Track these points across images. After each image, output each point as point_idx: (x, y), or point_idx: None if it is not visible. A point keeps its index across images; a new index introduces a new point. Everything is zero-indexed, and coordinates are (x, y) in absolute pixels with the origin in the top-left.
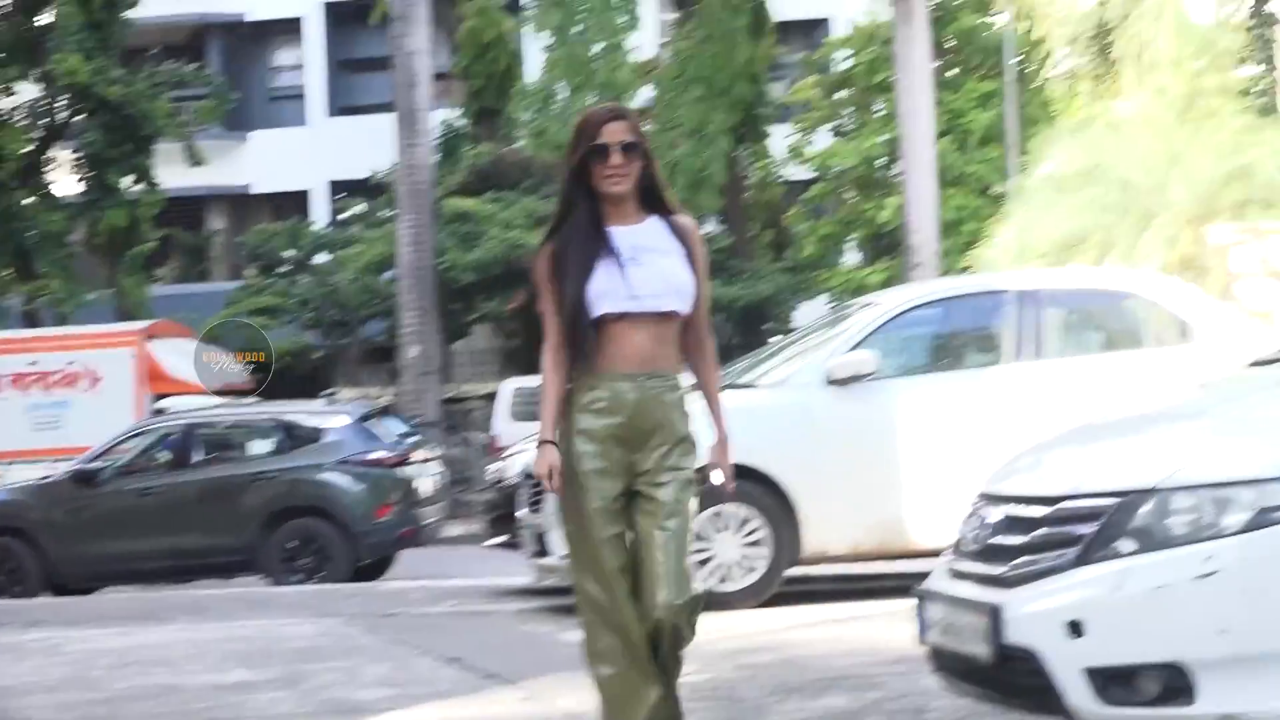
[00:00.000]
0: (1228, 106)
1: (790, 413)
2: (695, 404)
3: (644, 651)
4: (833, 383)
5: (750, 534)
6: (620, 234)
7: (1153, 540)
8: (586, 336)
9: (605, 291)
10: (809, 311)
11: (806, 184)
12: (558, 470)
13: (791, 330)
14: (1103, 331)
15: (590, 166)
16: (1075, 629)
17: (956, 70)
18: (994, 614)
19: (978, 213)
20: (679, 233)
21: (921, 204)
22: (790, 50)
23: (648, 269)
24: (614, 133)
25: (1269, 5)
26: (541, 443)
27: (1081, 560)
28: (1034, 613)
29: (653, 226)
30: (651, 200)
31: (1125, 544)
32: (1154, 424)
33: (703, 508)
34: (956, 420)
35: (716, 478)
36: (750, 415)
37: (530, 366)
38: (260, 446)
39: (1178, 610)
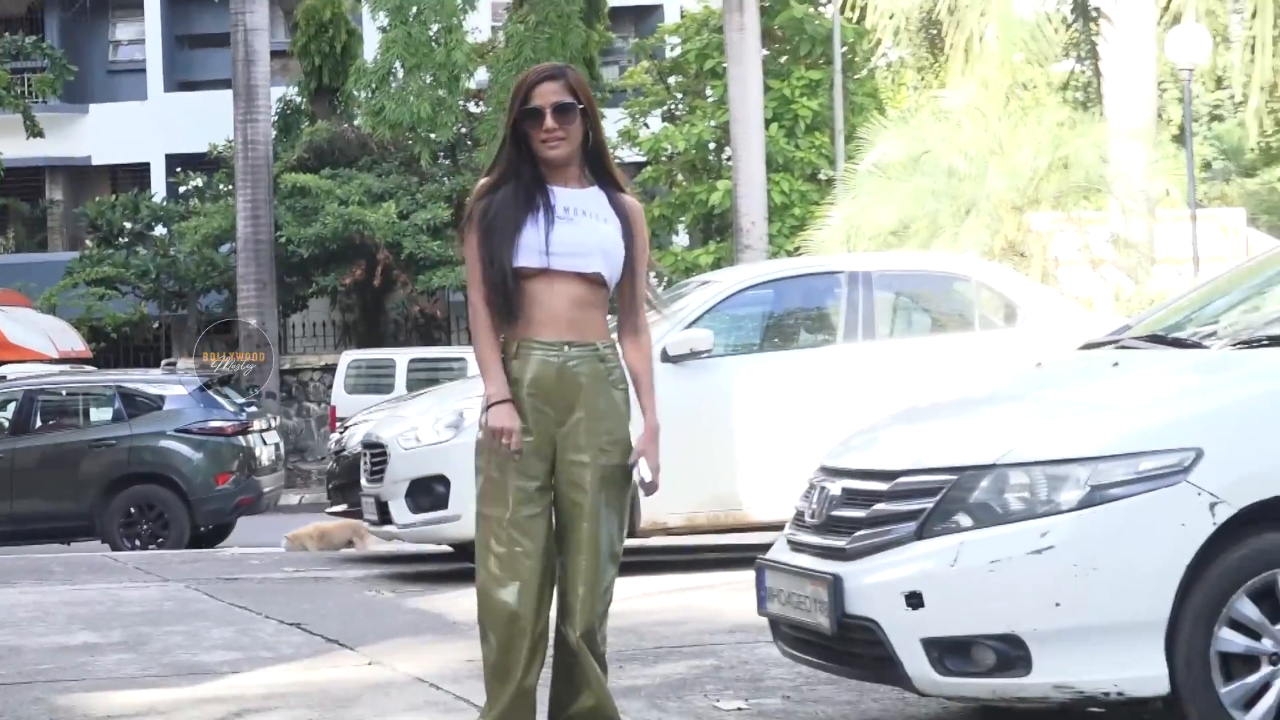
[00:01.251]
0: (1049, 99)
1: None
2: (625, 382)
3: (533, 647)
4: (668, 359)
5: None
6: (561, 193)
7: (990, 515)
8: (508, 292)
9: (527, 244)
10: None
11: (639, 166)
12: (519, 429)
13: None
14: (932, 313)
15: (526, 129)
16: (914, 600)
17: (785, 58)
18: (835, 585)
19: (805, 197)
20: (620, 208)
21: (751, 188)
22: (624, 35)
23: (578, 227)
24: (547, 93)
25: (1090, 1)
26: (494, 403)
27: (920, 534)
28: (874, 584)
29: (595, 194)
30: (597, 168)
31: (963, 518)
32: (991, 403)
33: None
34: (789, 398)
35: (642, 471)
36: None
37: (366, 339)
38: (101, 414)
39: (1014, 583)
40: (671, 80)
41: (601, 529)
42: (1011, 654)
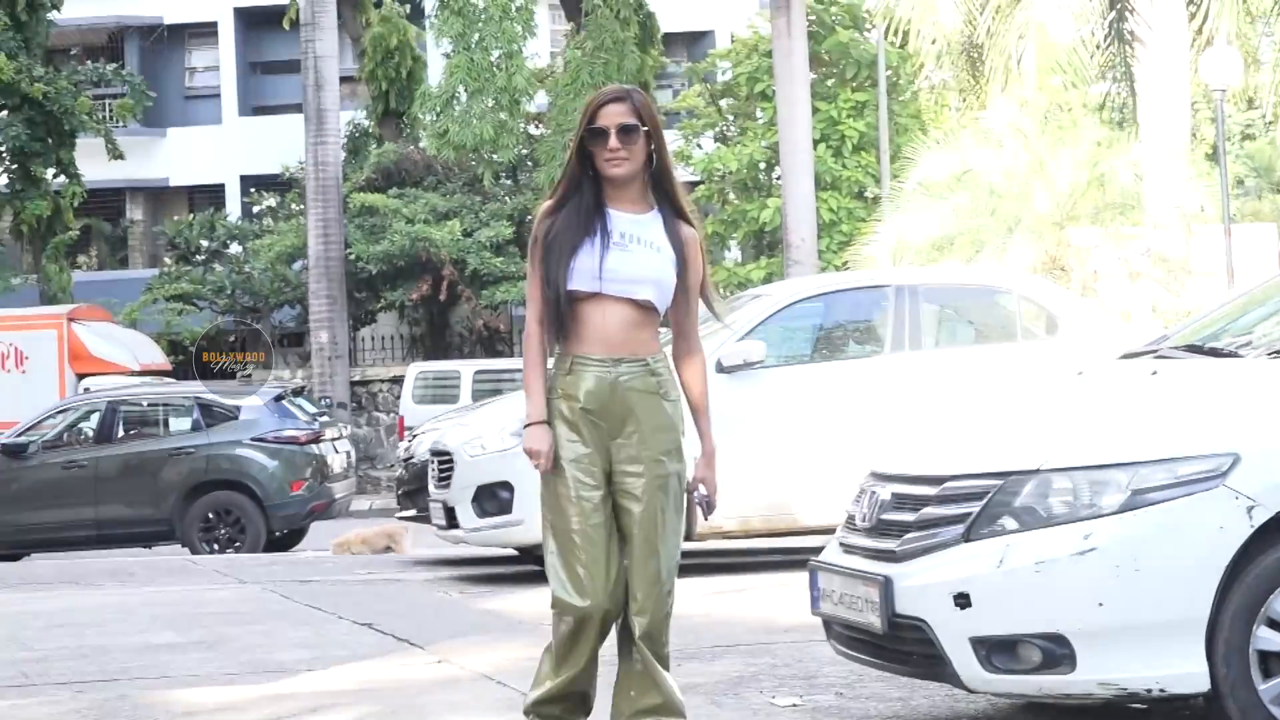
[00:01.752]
0: (1087, 119)
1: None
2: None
3: (598, 635)
4: (723, 370)
5: None
6: (618, 218)
7: (1034, 518)
8: (560, 313)
9: (580, 269)
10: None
11: (692, 186)
12: (550, 451)
13: None
14: (976, 325)
15: (590, 148)
16: (962, 601)
17: (833, 81)
18: (885, 586)
19: (852, 214)
20: (676, 237)
21: (800, 206)
22: (677, 60)
23: (632, 255)
24: (612, 115)
25: (1125, 25)
26: (531, 424)
27: (967, 536)
28: (923, 585)
29: (654, 219)
30: (660, 190)
31: (1008, 521)
32: (1034, 410)
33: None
34: (839, 406)
35: (701, 493)
36: None
37: (433, 351)
38: (180, 423)
39: (1058, 584)
40: (723, 103)
41: (658, 536)
42: (1057, 652)
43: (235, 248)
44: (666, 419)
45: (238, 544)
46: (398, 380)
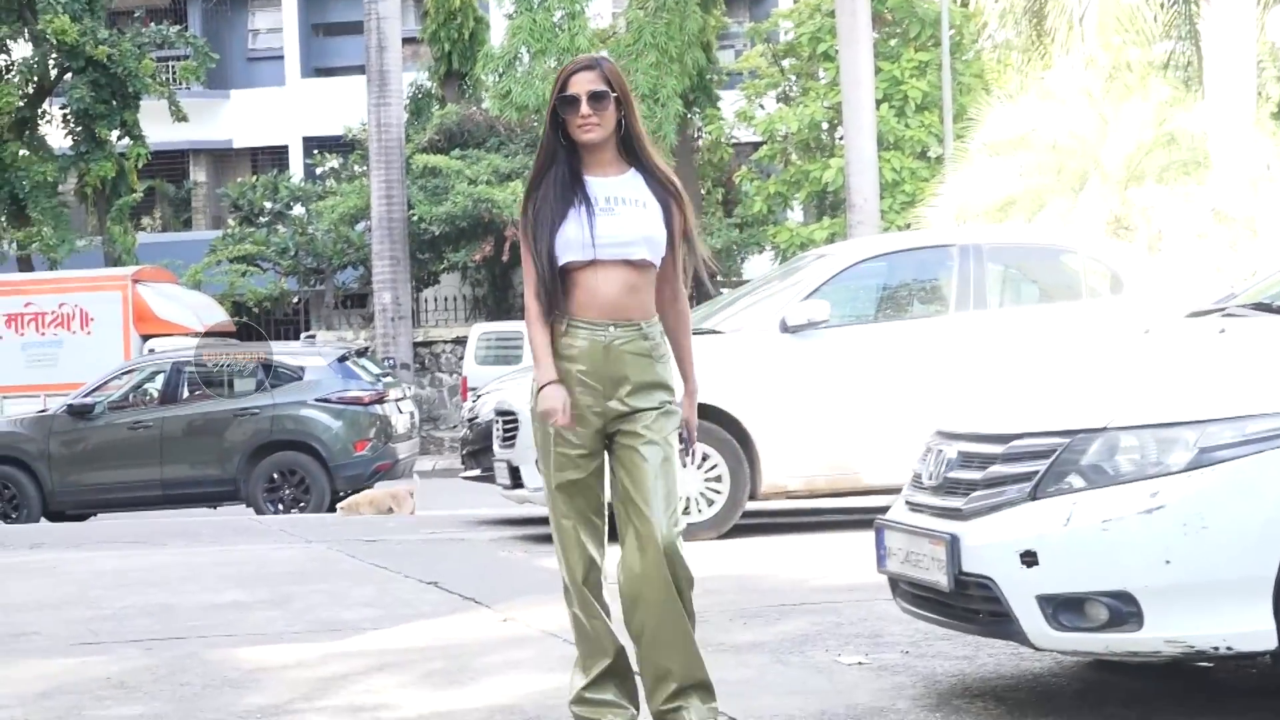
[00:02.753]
0: (1152, 78)
1: (749, 357)
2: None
3: (588, 597)
4: (787, 330)
5: (711, 469)
6: (596, 184)
7: (1101, 477)
8: (555, 285)
9: (571, 241)
10: (757, 265)
11: (754, 146)
12: (566, 406)
13: (744, 282)
14: (1040, 284)
15: (562, 116)
16: (1029, 559)
17: (895, 41)
18: (952, 544)
19: (915, 174)
20: (660, 185)
21: (862, 166)
22: (739, 20)
23: (619, 218)
24: (581, 82)
25: None
26: (544, 385)
27: (1034, 495)
28: (990, 543)
29: (633, 178)
30: (633, 154)
31: (1075, 479)
32: (1101, 369)
33: None
34: (903, 366)
35: (681, 430)
36: (711, 359)
37: (495, 312)
38: (245, 384)
39: (1125, 542)
40: (785, 63)
41: (664, 472)
42: (1124, 610)
43: (298, 209)
44: (658, 377)
45: (302, 504)
46: (461, 341)
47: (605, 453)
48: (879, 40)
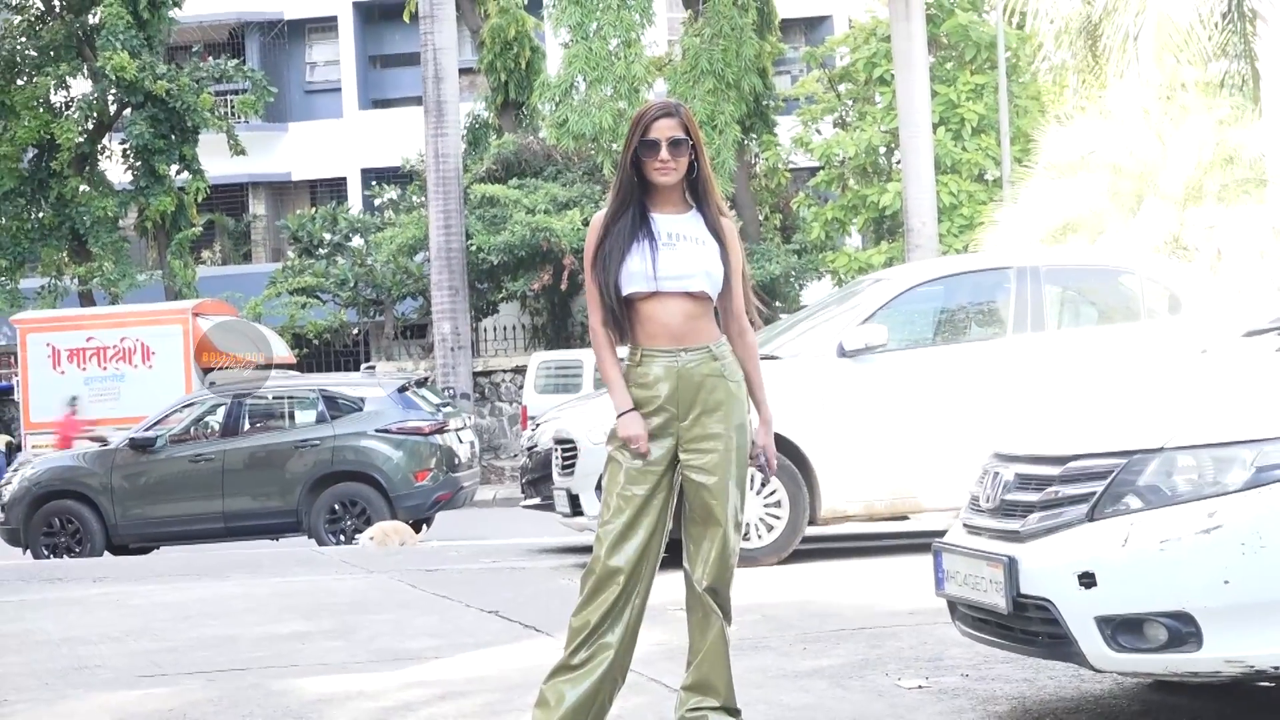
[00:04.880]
0: (1209, 97)
1: (807, 382)
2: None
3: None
4: (845, 354)
5: (771, 495)
6: (662, 220)
7: (1159, 497)
8: (621, 314)
9: (635, 273)
10: (816, 291)
11: (812, 171)
12: (645, 434)
13: (802, 307)
14: (1099, 306)
15: (641, 158)
16: (1087, 580)
17: (951, 64)
18: (1010, 566)
19: (973, 197)
20: (716, 229)
21: (920, 190)
22: (795, 46)
23: (680, 253)
24: (663, 129)
25: (1246, 1)
26: (622, 414)
27: (1091, 516)
28: (1048, 565)
29: (694, 217)
30: (698, 195)
31: (1132, 500)
32: (1158, 389)
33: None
34: (962, 389)
35: (759, 459)
36: (769, 384)
37: (554, 341)
38: (305, 416)
39: (1184, 562)
40: (841, 88)
41: (729, 504)
42: (1183, 630)
43: (357, 240)
44: (730, 397)
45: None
46: (520, 370)
47: (672, 474)
48: (935, 64)
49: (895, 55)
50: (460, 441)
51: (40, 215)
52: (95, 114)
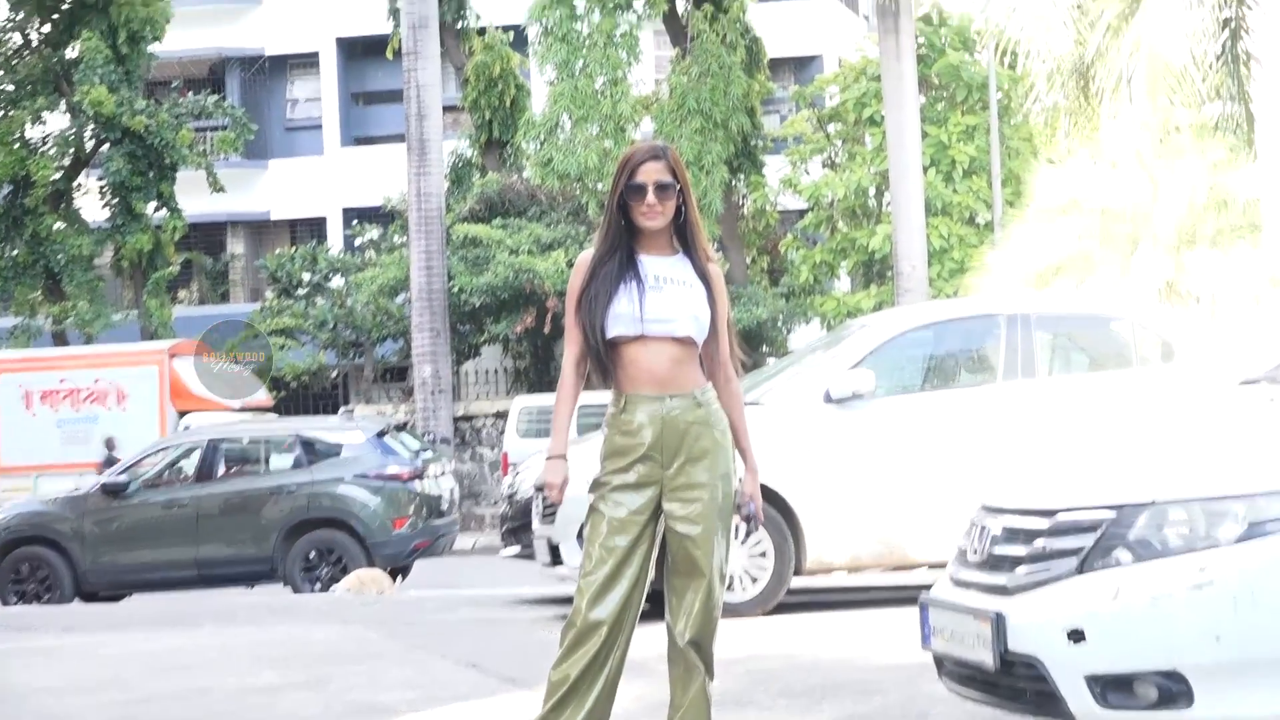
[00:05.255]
0: (1203, 140)
1: (792, 429)
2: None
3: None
4: (832, 401)
5: (756, 545)
6: (649, 263)
7: (1149, 551)
8: (605, 358)
9: (621, 315)
10: (804, 335)
11: (800, 213)
12: (563, 485)
13: (789, 353)
14: (1090, 353)
15: (628, 201)
16: (1076, 636)
17: (942, 105)
18: (997, 622)
19: (964, 241)
20: (703, 274)
21: (910, 232)
22: (784, 85)
23: (667, 296)
24: (650, 172)
25: (1239, 45)
26: (552, 457)
27: (1081, 570)
28: (1036, 621)
29: (680, 260)
30: (685, 239)
31: (1123, 554)
32: (1149, 440)
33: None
34: (951, 437)
35: (749, 509)
36: (753, 431)
37: (537, 385)
38: (281, 461)
39: (1174, 618)
40: (831, 128)
41: (713, 555)
42: (1174, 689)
43: (337, 281)
44: (715, 446)
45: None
46: (502, 415)
47: (655, 524)
48: (926, 105)
49: (885, 95)
50: (440, 488)
51: (14, 253)
52: (72, 149)
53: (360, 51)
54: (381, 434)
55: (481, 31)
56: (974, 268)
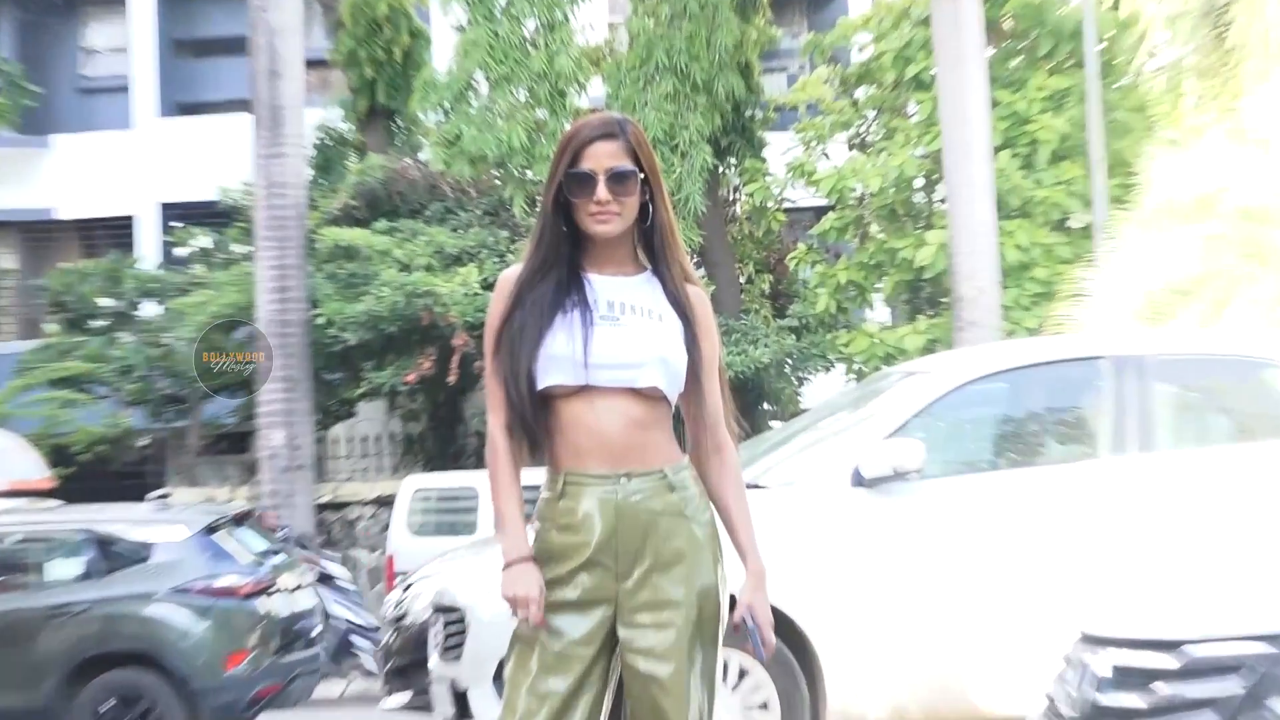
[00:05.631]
0: None
1: (806, 525)
2: (709, 514)
3: None
4: (865, 483)
5: (754, 693)
6: (599, 284)
7: None
8: (533, 419)
9: (557, 358)
10: (822, 387)
11: (817, 213)
12: (541, 597)
13: (802, 411)
14: (1233, 413)
15: (571, 198)
16: None
17: (1019, 61)
18: None
19: (1051, 253)
20: (678, 299)
21: (974, 241)
22: (793, 32)
23: (625, 331)
24: (599, 155)
25: None
26: (511, 564)
27: None
28: None
29: (648, 281)
30: (653, 248)
31: None
32: None
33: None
34: (1033, 536)
35: (750, 626)
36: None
37: (437, 459)
38: (65, 569)
39: None
40: (860, 93)
41: (689, 705)
42: None
43: (150, 308)
44: (694, 548)
45: None
46: (386, 502)
47: (607, 660)
48: (995, 61)
49: (937, 47)
50: (295, 606)
51: None
52: None
53: None
54: (211, 529)
55: None
56: (1066, 292)
